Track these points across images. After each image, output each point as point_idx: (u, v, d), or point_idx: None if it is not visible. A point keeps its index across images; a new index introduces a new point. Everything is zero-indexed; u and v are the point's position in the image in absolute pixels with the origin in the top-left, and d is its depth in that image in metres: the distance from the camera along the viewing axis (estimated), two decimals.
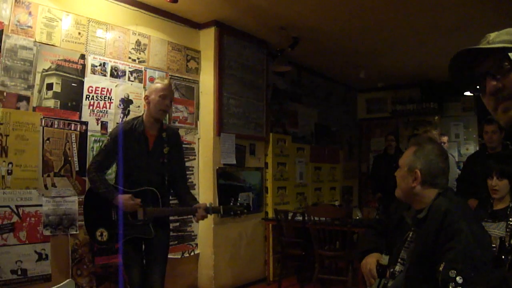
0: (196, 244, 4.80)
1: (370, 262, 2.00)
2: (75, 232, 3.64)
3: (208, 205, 3.10)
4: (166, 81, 3.12)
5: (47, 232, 3.47)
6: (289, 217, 5.00)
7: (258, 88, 5.46)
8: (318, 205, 5.95)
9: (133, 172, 2.99)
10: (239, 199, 3.52)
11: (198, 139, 4.85)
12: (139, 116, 3.16)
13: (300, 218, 4.96)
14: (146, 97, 3.07)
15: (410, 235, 1.91)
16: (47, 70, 3.56)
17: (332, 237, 4.51)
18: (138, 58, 4.29)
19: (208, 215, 3.09)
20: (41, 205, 3.45)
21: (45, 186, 3.49)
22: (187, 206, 3.12)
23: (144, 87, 4.26)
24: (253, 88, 5.36)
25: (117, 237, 2.96)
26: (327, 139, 7.35)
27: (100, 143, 3.80)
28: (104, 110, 3.94)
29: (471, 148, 7.34)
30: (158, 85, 3.06)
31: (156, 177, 3.03)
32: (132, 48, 4.25)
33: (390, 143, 6.33)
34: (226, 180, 4.91)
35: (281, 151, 5.83)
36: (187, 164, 4.54)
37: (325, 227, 4.55)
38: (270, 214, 5.49)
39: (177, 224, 4.57)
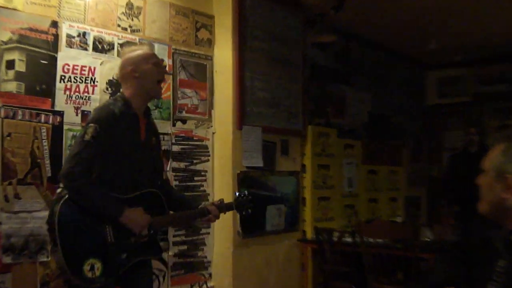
0: (210, 274, 4.78)
1: None
2: (45, 259, 3.56)
3: (219, 202, 3.30)
4: (146, 45, 3.23)
5: (7, 259, 3.41)
6: (335, 238, 4.97)
7: (292, 65, 5.44)
8: (374, 222, 5.81)
9: (125, 170, 2.98)
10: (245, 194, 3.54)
11: (213, 133, 4.87)
12: (118, 96, 3.12)
13: (350, 239, 4.95)
14: (132, 71, 3.07)
15: (501, 264, 1.92)
16: (6, 43, 3.50)
17: (392, 266, 4.54)
18: (130, 26, 4.26)
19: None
20: None
21: (5, 197, 3.43)
22: (189, 209, 3.27)
23: None
24: (285, 65, 5.35)
25: (116, 268, 2.85)
26: (385, 133, 7.33)
27: None
28: (86, 96, 3.91)
29: None
30: (140, 51, 3.12)
31: (153, 175, 3.12)
32: (122, 13, 4.20)
33: (472, 137, 6.24)
34: (250, 188, 4.83)
35: (323, 149, 5.86)
36: (197, 166, 4.68)
37: (382, 251, 4.57)
38: (309, 234, 5.52)
39: (185, 247, 4.56)
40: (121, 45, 4.14)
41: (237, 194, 3.49)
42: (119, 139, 2.96)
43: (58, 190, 3.00)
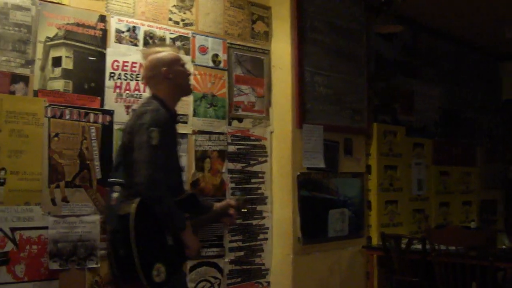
0: (268, 283, 4.77)
1: None
2: (95, 266, 3.61)
3: (239, 198, 3.54)
4: (170, 46, 3.50)
5: (54, 266, 3.45)
6: (403, 245, 4.88)
7: (356, 58, 5.45)
8: (445, 227, 5.77)
9: (173, 172, 3.15)
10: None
11: (271, 133, 4.89)
12: (153, 98, 3.19)
13: (419, 246, 4.85)
14: (167, 72, 3.18)
15: None
16: (52, 39, 3.55)
17: (465, 276, 4.34)
18: (182, 20, 4.29)
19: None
20: (46, 228, 3.43)
21: (53, 201, 3.48)
22: (205, 208, 3.38)
23: (192, 61, 4.31)
24: (348, 58, 5.36)
25: (175, 271, 3.00)
26: (457, 131, 7.31)
27: None
28: (137, 94, 3.94)
29: None
30: (165, 53, 3.25)
31: (182, 176, 3.31)
32: (174, 6, 4.25)
33: None
34: (311, 191, 4.88)
35: (390, 149, 5.82)
36: (254, 168, 4.71)
37: (455, 260, 4.40)
38: (375, 241, 5.48)
39: (241, 253, 4.56)
40: (174, 40, 4.20)
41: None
42: (170, 142, 3.12)
43: (115, 195, 2.99)
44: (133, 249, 2.79)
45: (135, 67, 3.92)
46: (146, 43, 3.99)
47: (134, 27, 3.95)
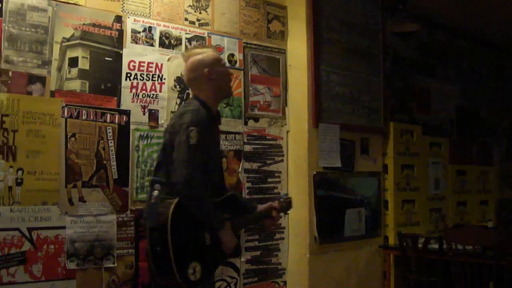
0: (285, 283, 4.76)
1: None
2: (112, 265, 3.63)
3: (283, 200, 3.53)
4: (211, 48, 3.51)
5: (72, 265, 3.47)
6: (420, 245, 4.84)
7: (372, 57, 5.43)
8: (463, 227, 5.74)
9: (214, 173, 3.21)
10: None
11: (287, 132, 4.89)
12: (194, 99, 3.25)
13: (436, 246, 4.88)
14: (209, 73, 3.22)
15: None
16: (69, 39, 3.57)
17: (482, 276, 4.33)
18: (198, 20, 4.30)
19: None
20: (63, 227, 3.46)
21: (70, 200, 3.50)
22: (248, 209, 3.42)
23: None
24: (364, 57, 5.34)
25: (210, 270, 3.08)
26: (474, 130, 7.29)
27: (149, 140, 3.90)
28: (153, 94, 3.97)
29: None
30: (210, 53, 3.32)
31: (223, 176, 3.39)
32: (189, 6, 4.26)
33: None
34: (327, 190, 4.88)
35: (407, 148, 5.79)
36: (270, 167, 4.72)
37: (472, 260, 4.40)
38: (392, 240, 5.43)
39: (258, 253, 4.56)
40: (190, 39, 4.20)
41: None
42: (210, 142, 3.14)
43: (155, 193, 3.02)
44: (169, 247, 2.82)
45: (151, 67, 3.94)
46: (161, 44, 4.01)
47: (150, 27, 3.96)
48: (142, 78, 3.89)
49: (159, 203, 2.98)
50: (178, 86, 4.09)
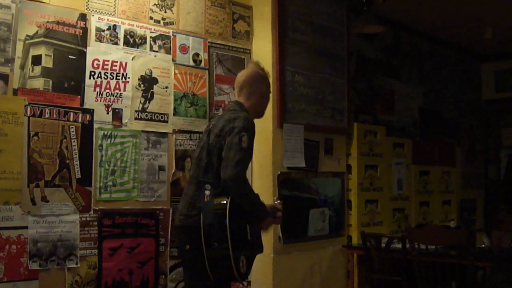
0: (249, 282, 4.74)
1: None
2: (75, 266, 3.62)
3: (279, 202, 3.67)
4: (261, 65, 3.71)
5: (34, 266, 3.44)
6: (383, 245, 4.89)
7: (336, 58, 5.42)
8: (425, 227, 5.80)
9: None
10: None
11: None
12: (241, 108, 3.51)
13: (399, 245, 4.85)
14: (262, 91, 3.58)
15: None
16: (32, 37, 3.54)
17: (445, 275, 4.37)
18: (163, 19, 4.28)
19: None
20: (26, 227, 3.43)
21: (32, 200, 3.47)
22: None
23: (173, 60, 4.32)
24: (329, 58, 5.33)
25: (251, 263, 3.32)
26: (437, 131, 7.31)
27: (112, 139, 3.90)
28: (117, 93, 3.96)
29: None
30: (263, 73, 3.62)
31: None
32: (155, 4, 4.24)
33: None
34: (291, 190, 4.89)
35: (370, 148, 5.81)
36: None
37: (435, 259, 4.42)
38: (355, 240, 5.46)
39: None
40: (154, 38, 4.19)
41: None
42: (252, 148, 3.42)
43: (207, 193, 3.20)
44: (229, 242, 3.08)
45: (115, 66, 3.93)
46: (126, 42, 3.99)
47: (114, 25, 3.94)
48: (106, 77, 3.87)
49: (212, 201, 3.19)
50: (142, 85, 4.08)
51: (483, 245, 5.11)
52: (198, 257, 3.12)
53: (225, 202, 3.14)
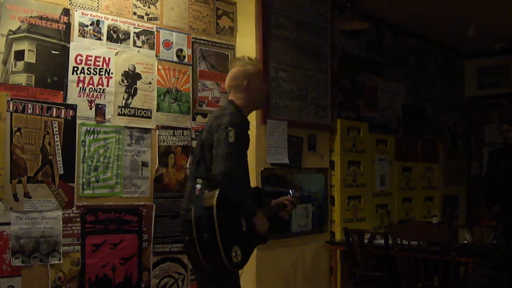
0: None
1: None
2: (57, 262, 3.62)
3: (293, 195, 3.78)
4: (255, 60, 3.72)
5: (17, 262, 3.44)
6: (366, 240, 4.91)
7: (320, 54, 5.43)
8: (408, 223, 5.71)
9: (245, 169, 3.54)
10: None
11: None
12: (231, 105, 3.51)
13: (382, 241, 4.88)
14: (248, 84, 3.52)
15: None
16: (15, 32, 3.52)
17: (427, 270, 4.39)
18: (147, 14, 4.27)
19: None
20: (8, 224, 3.42)
21: (15, 196, 3.47)
22: (266, 202, 3.63)
23: (156, 55, 4.30)
24: (312, 55, 5.34)
25: (248, 254, 3.38)
26: (420, 127, 7.37)
27: (95, 135, 3.89)
28: (100, 89, 3.95)
29: None
30: (250, 66, 3.58)
31: (248, 174, 3.65)
32: (138, 0, 4.22)
33: (508, 134, 6.21)
34: (275, 186, 4.89)
35: (353, 145, 5.83)
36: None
37: (418, 255, 4.47)
38: (338, 236, 5.47)
39: None
40: (138, 34, 4.17)
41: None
42: (245, 142, 3.46)
43: (199, 186, 3.31)
44: (216, 232, 3.12)
45: (98, 61, 3.91)
46: (109, 38, 3.98)
47: (98, 21, 3.92)
48: (89, 72, 3.86)
49: (202, 195, 3.28)
50: (125, 81, 4.06)
51: (465, 241, 5.12)
52: (196, 249, 3.21)
53: (214, 195, 3.20)
